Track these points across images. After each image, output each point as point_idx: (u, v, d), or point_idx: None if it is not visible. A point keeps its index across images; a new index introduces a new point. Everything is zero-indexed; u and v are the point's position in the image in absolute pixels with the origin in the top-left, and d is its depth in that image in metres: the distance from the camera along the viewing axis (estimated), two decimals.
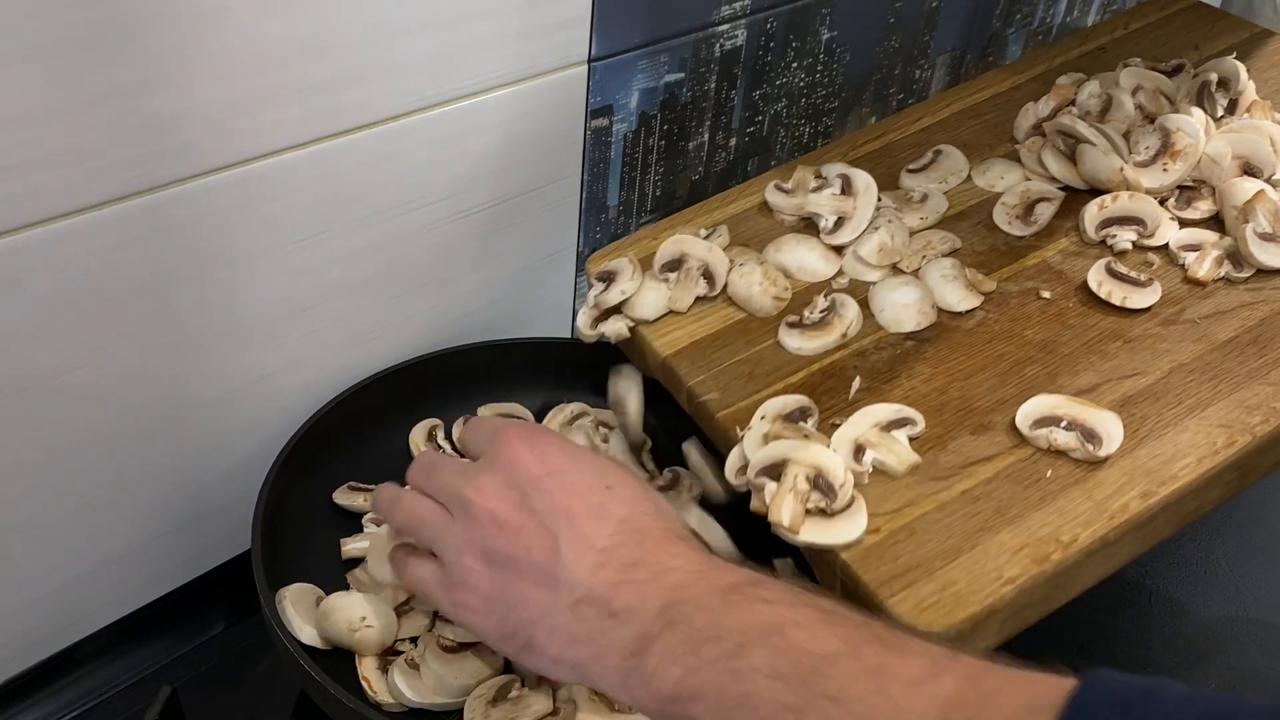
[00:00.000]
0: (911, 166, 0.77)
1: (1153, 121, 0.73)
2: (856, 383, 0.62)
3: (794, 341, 0.65)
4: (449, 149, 0.66)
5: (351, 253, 0.65)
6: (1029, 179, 0.74)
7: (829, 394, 0.62)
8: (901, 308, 0.66)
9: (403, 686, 0.57)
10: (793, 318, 0.66)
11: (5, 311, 0.53)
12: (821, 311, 0.66)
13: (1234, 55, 0.77)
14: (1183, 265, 0.67)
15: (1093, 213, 0.69)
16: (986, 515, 0.55)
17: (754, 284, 0.67)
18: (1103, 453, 0.56)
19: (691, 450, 0.68)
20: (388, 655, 0.60)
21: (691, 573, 0.47)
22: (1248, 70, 0.76)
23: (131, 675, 0.66)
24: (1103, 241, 0.69)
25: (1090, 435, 0.57)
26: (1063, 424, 0.58)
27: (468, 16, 0.61)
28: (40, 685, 0.65)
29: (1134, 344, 0.63)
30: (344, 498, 0.68)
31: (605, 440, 0.72)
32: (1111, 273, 0.66)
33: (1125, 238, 0.68)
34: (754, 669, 0.43)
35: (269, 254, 0.61)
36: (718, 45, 0.77)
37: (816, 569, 0.57)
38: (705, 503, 0.67)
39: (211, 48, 0.53)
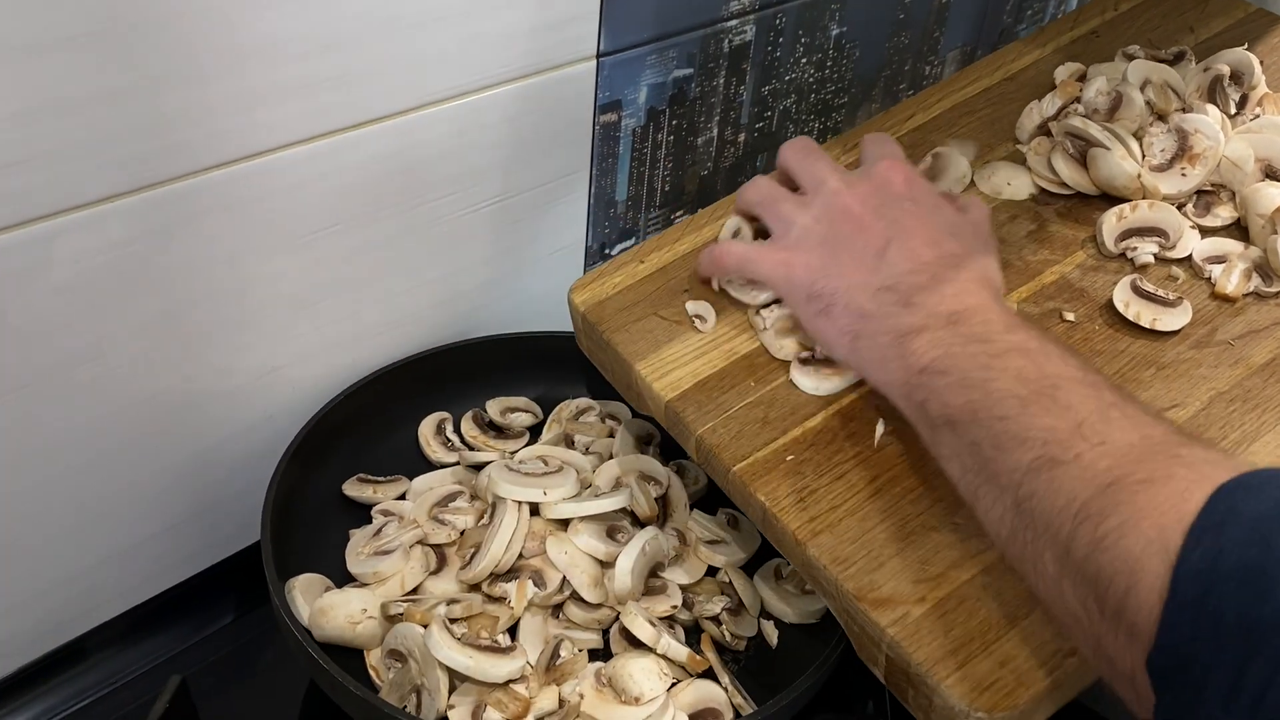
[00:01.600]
0: None
1: (1163, 119, 0.69)
2: (880, 427, 0.58)
3: (808, 381, 0.60)
4: (458, 144, 0.66)
5: (361, 247, 0.66)
6: (1038, 184, 0.70)
7: (852, 440, 0.57)
8: None
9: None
10: (804, 354, 0.61)
11: (17, 305, 0.53)
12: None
13: (1244, 46, 0.73)
14: (1209, 279, 0.63)
15: (1111, 223, 0.65)
16: None
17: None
18: None
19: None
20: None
21: (988, 304, 0.53)
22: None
23: (142, 665, 0.67)
24: (1122, 254, 0.65)
25: None
26: None
27: (476, 12, 0.62)
28: (52, 674, 0.65)
29: (1168, 371, 0.59)
30: (353, 489, 0.68)
31: (612, 435, 0.73)
32: (1138, 292, 0.62)
33: (1146, 250, 0.64)
34: (1006, 369, 0.49)
35: (279, 248, 0.62)
36: (727, 41, 0.77)
37: (854, 638, 0.53)
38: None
39: (222, 43, 0.53)
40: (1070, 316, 0.62)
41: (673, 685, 0.59)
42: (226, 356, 0.63)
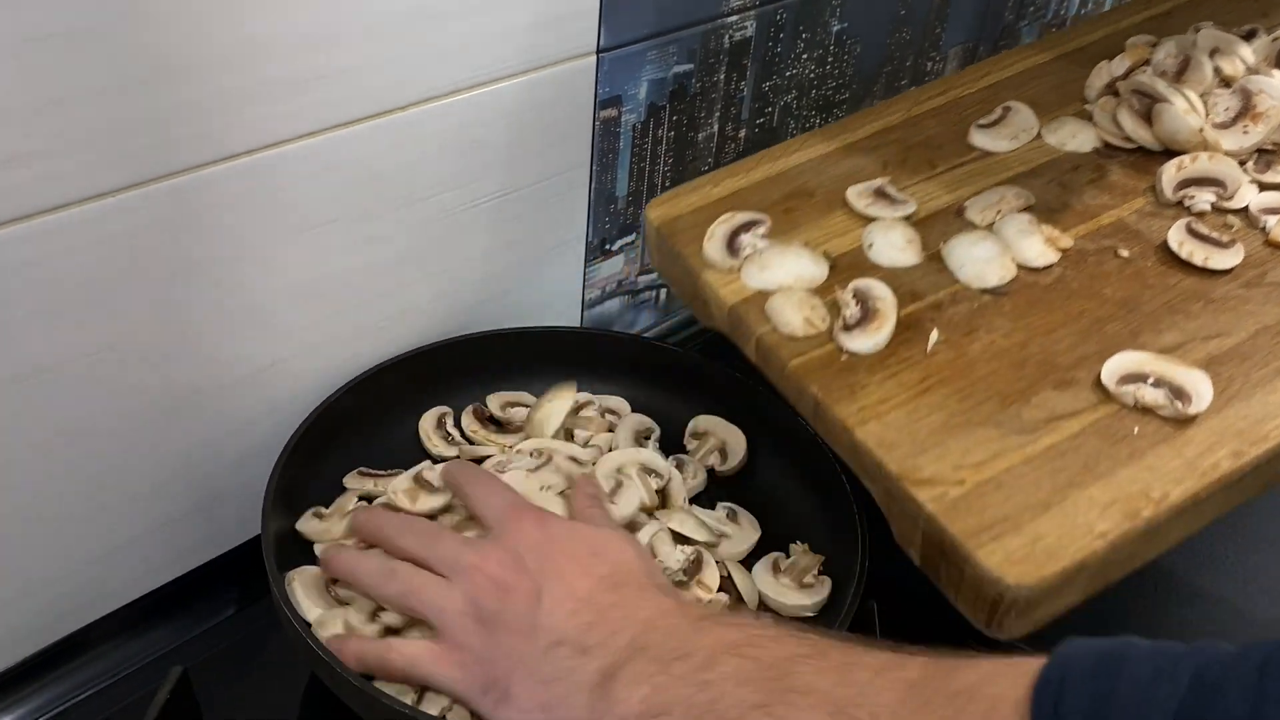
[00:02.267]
0: (981, 122, 0.75)
1: (1229, 85, 0.72)
2: (934, 335, 0.61)
3: (856, 343, 0.61)
4: (459, 138, 0.67)
5: (363, 241, 0.66)
6: (1103, 138, 0.73)
7: (906, 344, 0.61)
8: (983, 263, 0.64)
9: None
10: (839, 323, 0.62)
11: (23, 295, 0.53)
12: (858, 307, 0.62)
13: None
14: (1263, 229, 0.65)
15: (1170, 173, 0.68)
16: (1074, 470, 0.54)
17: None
18: (1192, 410, 0.55)
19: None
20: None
21: (664, 609, 0.50)
22: None
23: (143, 657, 0.67)
24: (1180, 203, 0.67)
25: (1179, 393, 0.56)
26: (1150, 380, 0.57)
27: (478, 7, 0.62)
28: (53, 666, 0.65)
29: (1217, 305, 0.62)
30: (355, 482, 0.68)
31: (611, 429, 0.73)
32: (1192, 232, 0.65)
33: (1204, 199, 0.66)
34: (722, 678, 0.44)
35: (282, 241, 0.62)
36: (727, 36, 0.77)
37: (893, 520, 0.56)
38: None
39: (225, 37, 0.53)
40: (1124, 253, 0.65)
41: None
42: (228, 350, 0.64)
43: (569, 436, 0.72)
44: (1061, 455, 0.55)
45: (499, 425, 0.74)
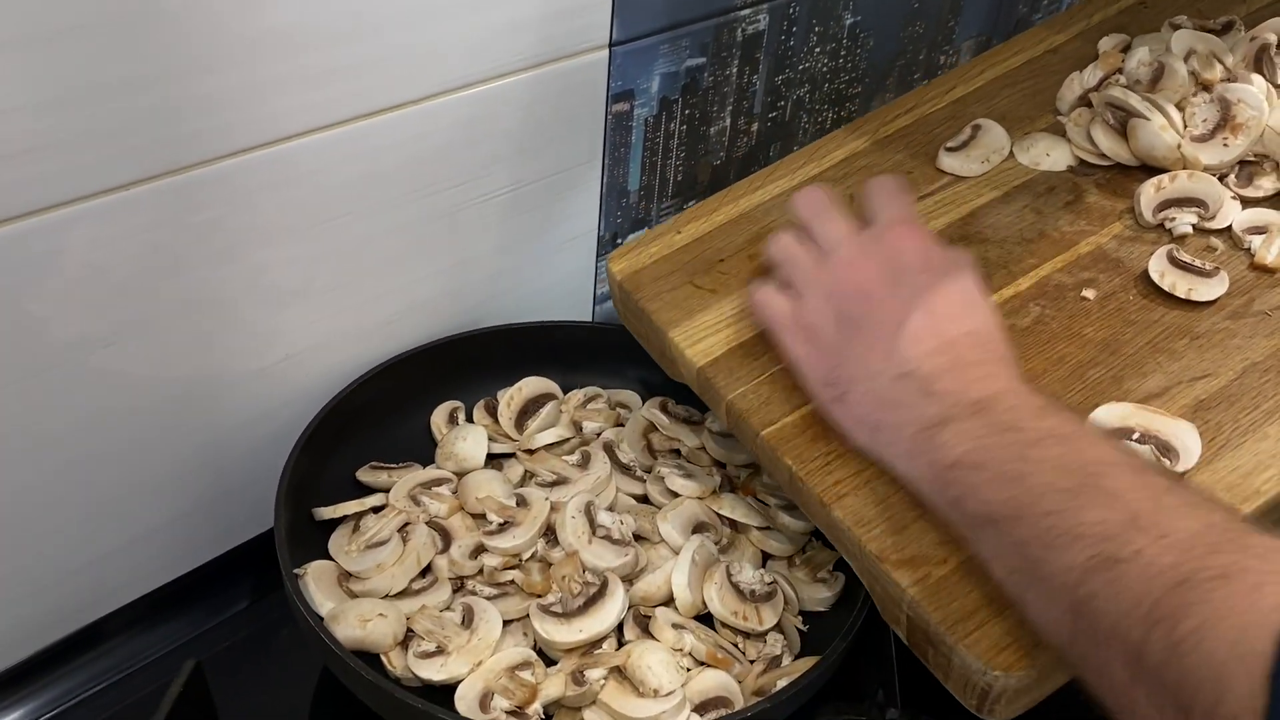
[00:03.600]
0: (950, 144, 0.71)
1: (1208, 90, 0.68)
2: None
3: None
4: (471, 132, 0.66)
5: (375, 235, 0.66)
6: (1077, 155, 0.70)
7: None
8: None
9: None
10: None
11: (37, 289, 0.54)
12: None
13: None
14: (1248, 249, 0.62)
15: (1149, 194, 0.65)
16: None
17: None
18: (1180, 468, 0.53)
19: None
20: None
21: (1014, 388, 0.50)
22: None
23: (157, 649, 0.67)
24: (1160, 225, 0.64)
25: (1166, 449, 0.53)
26: (1135, 436, 0.54)
27: (491, 1, 0.62)
28: (69, 658, 0.66)
29: (1202, 341, 0.59)
30: (367, 476, 0.69)
31: (622, 424, 0.73)
32: (1174, 262, 0.61)
33: (1185, 221, 0.63)
34: (1043, 458, 0.46)
35: (294, 235, 0.62)
36: (740, 30, 0.77)
37: (877, 599, 0.54)
38: None
39: (238, 31, 0.53)
40: (1089, 295, 0.62)
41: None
42: (242, 343, 0.64)
43: (578, 429, 0.73)
44: None
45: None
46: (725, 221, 0.69)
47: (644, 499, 0.69)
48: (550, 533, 0.65)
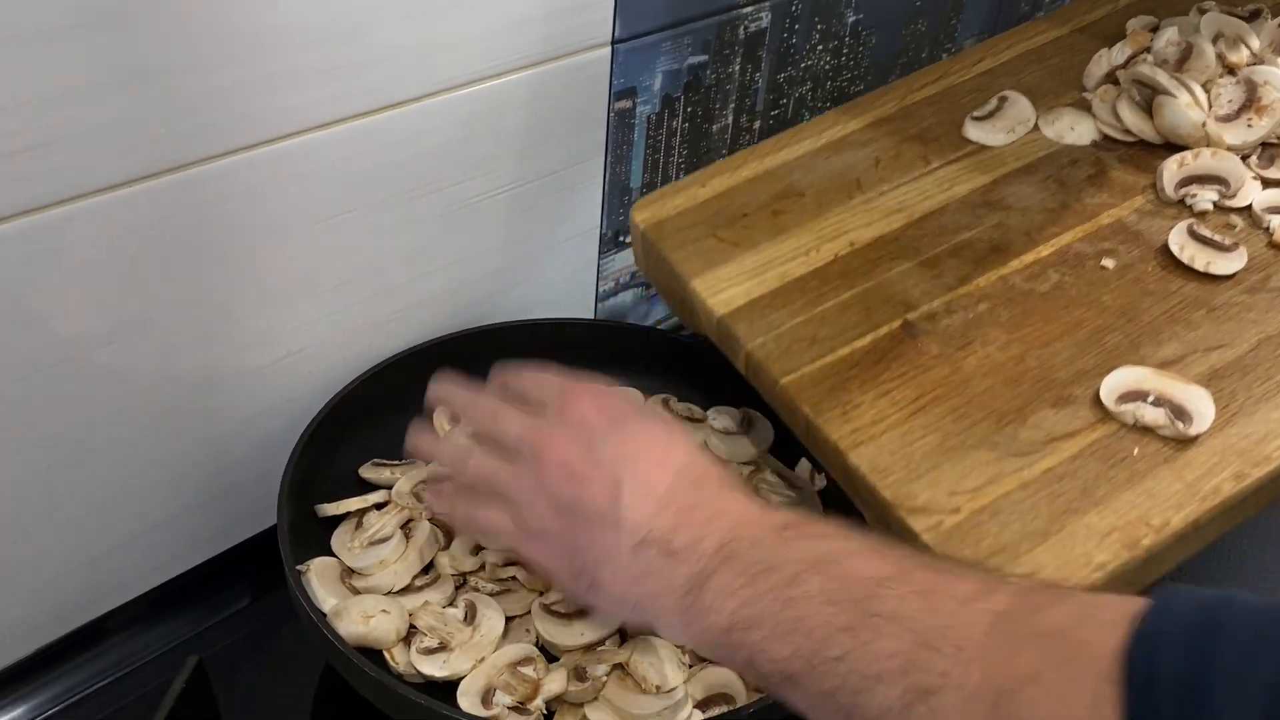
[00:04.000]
0: (976, 114, 0.72)
1: (1233, 72, 0.69)
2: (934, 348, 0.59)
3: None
4: (473, 130, 0.67)
5: (377, 232, 0.66)
6: (1102, 130, 0.71)
7: (900, 360, 0.59)
8: None
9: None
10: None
11: (39, 286, 0.54)
12: None
13: None
14: (1267, 229, 0.64)
15: (1171, 170, 0.66)
16: (1072, 496, 0.52)
17: None
18: (1193, 431, 0.54)
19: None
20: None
21: (747, 514, 0.49)
22: None
23: (160, 646, 0.67)
24: (1181, 201, 0.65)
25: (1180, 412, 0.54)
26: (1150, 399, 0.55)
27: None
28: (71, 654, 0.66)
29: (1218, 313, 0.60)
30: (369, 473, 0.69)
31: None
32: (1194, 235, 0.63)
33: (1206, 198, 0.65)
34: (808, 595, 0.44)
35: (297, 232, 0.62)
36: (742, 27, 0.77)
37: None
38: None
39: (244, 27, 0.53)
40: (1108, 264, 0.62)
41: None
42: (244, 340, 0.64)
43: None
44: (1059, 480, 0.53)
45: None
46: (751, 177, 0.69)
47: None
48: None
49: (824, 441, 0.56)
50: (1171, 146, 0.68)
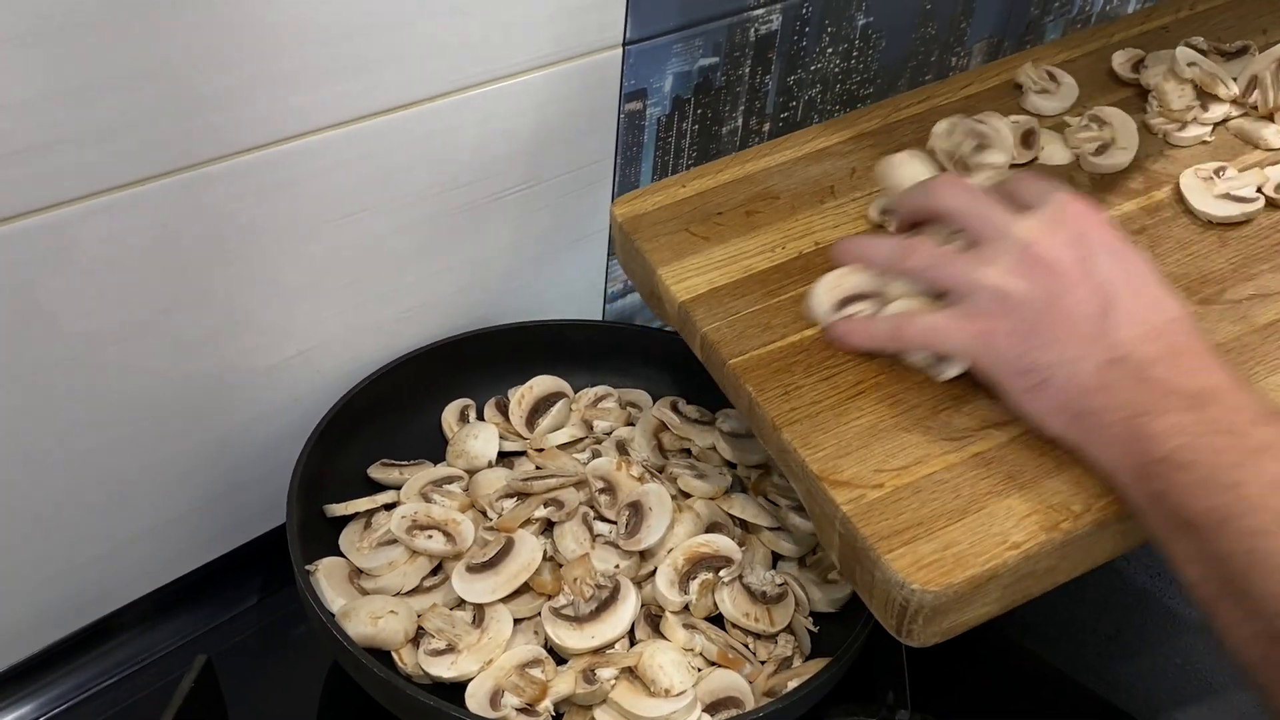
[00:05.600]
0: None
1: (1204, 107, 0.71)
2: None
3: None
4: (484, 130, 0.67)
5: (387, 232, 0.66)
6: (1074, 153, 0.71)
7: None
8: None
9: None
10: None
11: (50, 285, 0.54)
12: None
13: None
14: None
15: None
16: (997, 479, 0.53)
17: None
18: None
19: None
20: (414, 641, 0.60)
21: (1234, 385, 0.47)
22: None
23: (168, 644, 0.67)
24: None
25: None
26: None
27: (505, 0, 0.62)
28: (80, 652, 0.66)
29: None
30: (378, 473, 0.69)
31: (632, 423, 0.73)
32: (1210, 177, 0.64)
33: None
34: (1261, 470, 0.43)
35: (307, 232, 0.62)
36: (752, 30, 0.77)
37: (815, 523, 0.56)
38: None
39: (255, 26, 0.53)
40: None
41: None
42: (254, 339, 0.64)
43: (589, 428, 0.73)
44: (987, 464, 0.54)
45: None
46: (730, 180, 0.71)
47: None
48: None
49: (762, 419, 0.58)
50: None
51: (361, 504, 0.65)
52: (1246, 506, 0.42)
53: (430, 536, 0.63)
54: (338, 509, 0.65)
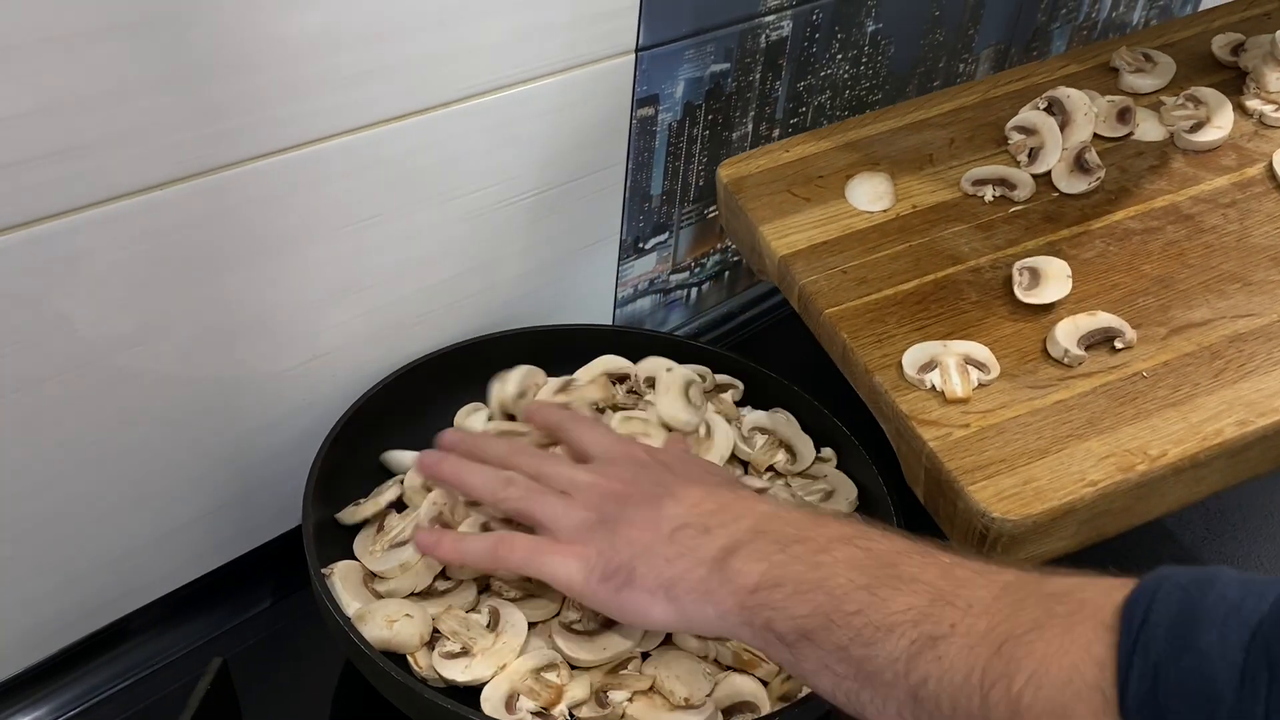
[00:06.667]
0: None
1: None
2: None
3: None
4: (498, 136, 0.67)
5: (402, 237, 0.66)
6: (1169, 130, 0.74)
7: (940, 303, 0.64)
8: None
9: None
10: None
11: (66, 289, 0.54)
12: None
13: None
14: None
15: None
16: (1078, 424, 0.57)
17: None
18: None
19: None
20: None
21: (784, 508, 0.53)
22: None
23: (182, 647, 0.67)
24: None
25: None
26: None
27: (518, 6, 0.62)
28: (94, 655, 0.66)
29: (1254, 288, 0.64)
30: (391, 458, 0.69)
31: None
32: None
33: None
34: (834, 560, 0.47)
35: (322, 237, 0.63)
36: (763, 36, 0.77)
37: (902, 459, 0.59)
38: None
39: (271, 33, 0.54)
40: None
41: None
42: (269, 343, 0.64)
43: (615, 409, 0.72)
44: (1068, 410, 0.57)
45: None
46: (831, 148, 0.75)
47: None
48: None
49: (856, 363, 0.61)
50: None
51: (367, 510, 0.65)
52: (839, 597, 0.46)
53: None
54: (346, 517, 0.65)
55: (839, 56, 0.84)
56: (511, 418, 0.71)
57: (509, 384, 0.71)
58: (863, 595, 0.45)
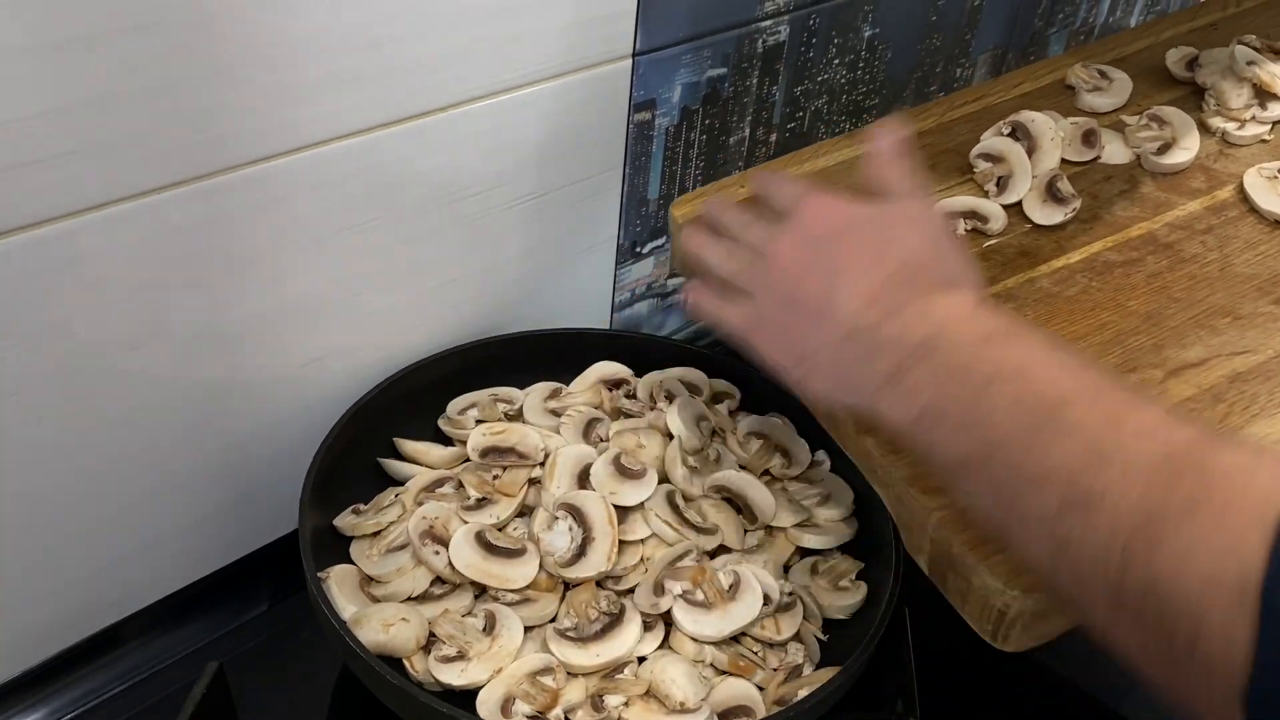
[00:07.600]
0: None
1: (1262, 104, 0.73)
2: None
3: None
4: (495, 141, 0.67)
5: (398, 241, 0.66)
6: (1134, 152, 0.73)
7: None
8: None
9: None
10: None
11: (62, 293, 0.54)
12: None
13: None
14: None
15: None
16: None
17: None
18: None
19: None
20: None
21: (952, 315, 0.51)
22: None
23: (179, 651, 0.67)
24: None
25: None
26: None
27: (516, 10, 0.62)
28: (90, 659, 0.66)
29: (1245, 322, 0.62)
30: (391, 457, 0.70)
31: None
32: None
33: None
34: (997, 400, 0.47)
35: (319, 241, 0.63)
36: (760, 41, 0.78)
37: (903, 528, 0.56)
38: None
39: (271, 36, 0.54)
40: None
41: None
42: (266, 348, 0.64)
43: (617, 416, 0.73)
44: None
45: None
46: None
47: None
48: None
49: (844, 423, 0.59)
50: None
51: (367, 526, 0.65)
52: (997, 439, 0.46)
53: (438, 553, 0.63)
54: (346, 528, 0.65)
55: (836, 61, 0.84)
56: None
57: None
58: (1023, 440, 0.45)
